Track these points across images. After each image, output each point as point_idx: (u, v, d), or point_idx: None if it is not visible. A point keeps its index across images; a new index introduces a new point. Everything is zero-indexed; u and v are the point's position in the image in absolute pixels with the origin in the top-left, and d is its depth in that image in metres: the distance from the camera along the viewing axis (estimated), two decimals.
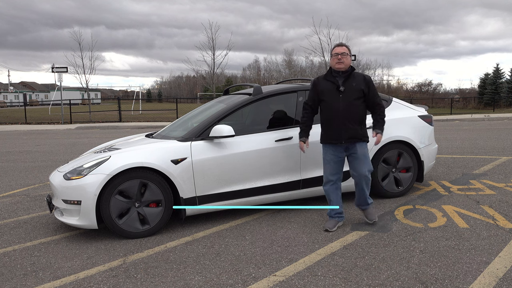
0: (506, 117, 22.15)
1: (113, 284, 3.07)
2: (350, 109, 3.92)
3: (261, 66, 72.35)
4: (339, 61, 3.94)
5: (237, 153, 4.33)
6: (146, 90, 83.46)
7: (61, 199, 4.00)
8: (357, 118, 3.97)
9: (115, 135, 14.68)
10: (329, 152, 4.04)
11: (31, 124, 22.71)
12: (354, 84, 3.95)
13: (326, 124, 4.03)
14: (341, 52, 3.94)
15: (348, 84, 3.95)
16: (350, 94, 3.93)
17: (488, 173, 6.55)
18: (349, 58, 3.98)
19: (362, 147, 4.01)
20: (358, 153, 3.99)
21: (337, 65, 3.96)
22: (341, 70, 3.96)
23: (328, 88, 3.99)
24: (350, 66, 4.01)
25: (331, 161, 4.04)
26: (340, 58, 3.93)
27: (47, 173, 7.45)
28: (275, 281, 3.04)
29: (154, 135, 5.01)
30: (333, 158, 4.03)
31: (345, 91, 3.93)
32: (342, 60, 3.93)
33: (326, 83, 4.02)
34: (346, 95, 3.92)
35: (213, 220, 4.50)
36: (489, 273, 3.07)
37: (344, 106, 3.91)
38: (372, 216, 4.19)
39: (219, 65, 30.52)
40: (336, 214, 4.12)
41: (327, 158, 4.07)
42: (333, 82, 3.98)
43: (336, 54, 3.96)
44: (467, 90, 55.97)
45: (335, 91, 3.95)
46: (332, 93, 3.96)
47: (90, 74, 28.96)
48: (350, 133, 3.94)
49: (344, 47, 4.01)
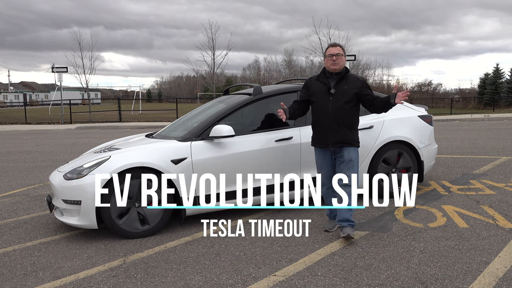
0: (506, 117, 22.16)
1: (113, 284, 3.07)
2: (339, 112, 3.75)
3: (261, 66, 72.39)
4: (334, 62, 3.77)
5: (237, 153, 4.33)
6: (146, 90, 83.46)
7: (61, 199, 4.00)
8: (347, 122, 3.78)
9: (115, 135, 14.67)
10: (320, 156, 3.95)
11: (31, 124, 22.71)
12: (346, 87, 3.78)
13: (315, 127, 3.92)
14: (336, 53, 3.77)
15: (340, 86, 3.79)
16: (341, 97, 3.76)
17: (488, 173, 6.55)
18: (344, 59, 3.82)
19: (349, 152, 3.80)
20: (344, 158, 3.79)
21: (332, 67, 3.79)
22: (335, 71, 3.81)
23: (319, 90, 3.86)
24: (344, 67, 3.86)
25: (323, 164, 3.95)
26: (335, 59, 3.77)
27: (47, 173, 7.45)
28: (275, 281, 3.04)
29: (154, 135, 5.01)
30: (324, 161, 3.93)
31: (336, 94, 3.77)
32: (337, 61, 3.77)
33: (318, 84, 3.89)
34: (336, 97, 3.76)
35: (213, 220, 4.49)
36: (489, 273, 3.07)
37: (333, 109, 3.75)
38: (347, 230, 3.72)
39: (219, 65, 30.57)
40: (335, 216, 4.05)
41: (318, 162, 4.00)
42: (325, 83, 3.85)
43: (330, 55, 3.79)
44: (467, 90, 55.95)
45: (326, 93, 3.81)
46: (322, 95, 3.82)
47: (90, 74, 28.98)
48: (338, 137, 3.77)
49: (339, 47, 3.83)
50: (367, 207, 4.75)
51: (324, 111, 3.79)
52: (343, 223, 3.78)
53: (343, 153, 3.81)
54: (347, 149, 3.80)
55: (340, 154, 3.83)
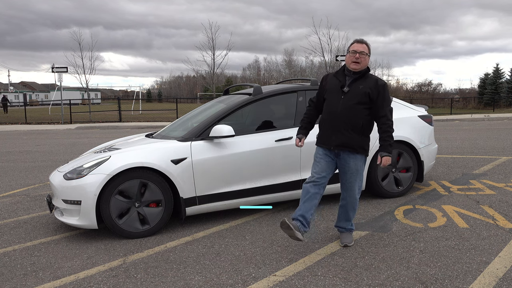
0: (506, 117, 22.15)
1: (113, 284, 3.07)
2: (349, 113, 3.41)
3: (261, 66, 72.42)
4: (356, 60, 3.41)
5: (237, 153, 4.33)
6: (146, 90, 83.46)
7: (61, 199, 4.00)
8: (357, 125, 3.42)
9: (115, 135, 14.67)
10: (320, 153, 3.57)
11: (31, 124, 22.70)
12: (361, 87, 3.42)
13: (322, 125, 3.60)
14: (360, 50, 3.41)
15: (355, 85, 3.45)
16: (353, 96, 3.41)
17: (488, 173, 6.55)
18: (368, 58, 3.44)
19: (355, 160, 3.47)
20: (350, 166, 3.48)
21: (353, 65, 3.44)
22: (355, 70, 3.46)
23: (332, 87, 3.53)
24: (366, 67, 3.50)
25: (321, 160, 3.54)
26: (357, 57, 3.41)
27: (47, 173, 7.45)
28: (275, 281, 3.04)
29: (154, 135, 5.01)
30: (323, 158, 3.53)
31: (349, 93, 3.43)
32: (360, 59, 3.41)
33: (334, 80, 3.56)
34: (348, 97, 3.43)
35: (213, 220, 4.50)
36: (489, 273, 3.07)
37: (342, 109, 3.42)
38: (347, 240, 3.65)
39: (219, 65, 30.55)
40: (299, 216, 3.38)
41: (317, 158, 3.59)
42: (340, 80, 3.52)
43: (354, 51, 3.42)
44: (467, 90, 55.98)
45: (339, 90, 3.48)
46: (334, 92, 3.50)
47: (90, 74, 28.98)
48: (342, 140, 3.42)
49: (365, 45, 3.46)
50: (367, 207, 4.76)
51: (333, 110, 3.47)
52: (341, 229, 3.74)
53: (346, 160, 3.48)
54: (353, 156, 3.47)
55: (344, 160, 3.50)
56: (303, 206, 3.41)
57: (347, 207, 3.64)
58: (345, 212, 3.67)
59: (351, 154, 3.47)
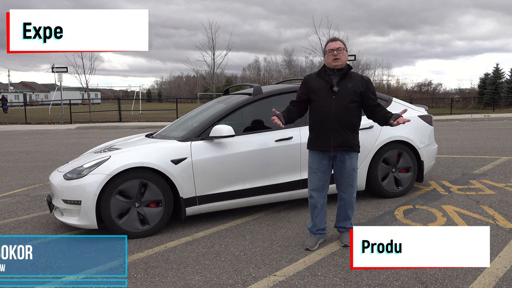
0: (506, 117, 22.15)
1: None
2: (343, 112, 3.43)
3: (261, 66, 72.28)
4: (335, 57, 3.44)
5: (237, 153, 4.33)
6: (146, 90, 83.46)
7: (61, 199, 4.00)
8: (350, 123, 3.49)
9: (115, 135, 14.67)
10: (316, 160, 3.57)
11: (31, 124, 22.70)
12: (350, 85, 3.46)
13: (315, 128, 3.55)
14: (337, 47, 3.45)
15: (343, 84, 3.46)
16: (345, 96, 3.44)
17: (488, 173, 6.55)
18: (346, 53, 3.50)
19: (351, 159, 3.54)
20: (347, 166, 3.53)
21: (334, 62, 3.46)
22: (337, 67, 3.49)
23: (320, 87, 3.50)
24: (346, 64, 3.53)
25: (318, 169, 3.57)
26: (336, 54, 3.44)
27: (47, 173, 7.45)
28: (275, 281, 3.04)
29: (154, 135, 5.01)
30: (320, 167, 3.56)
31: (339, 92, 3.44)
32: (339, 56, 3.44)
33: (319, 81, 3.53)
34: (340, 96, 3.44)
35: (213, 220, 4.50)
36: (489, 273, 3.07)
37: (336, 109, 3.43)
38: (347, 240, 3.64)
39: (219, 65, 30.54)
40: (318, 231, 3.71)
41: (313, 166, 3.59)
42: (326, 80, 3.50)
43: (331, 50, 3.47)
44: (467, 90, 55.93)
45: (328, 91, 3.46)
46: (324, 93, 3.47)
47: (90, 74, 28.96)
48: (340, 140, 3.46)
49: (339, 41, 3.51)
50: (367, 207, 4.76)
51: (326, 111, 3.46)
52: (341, 229, 3.76)
53: (344, 160, 3.53)
54: (349, 156, 3.53)
55: (341, 161, 3.54)
56: (317, 220, 3.68)
57: (346, 207, 3.67)
58: (344, 212, 3.70)
59: (347, 154, 3.53)
